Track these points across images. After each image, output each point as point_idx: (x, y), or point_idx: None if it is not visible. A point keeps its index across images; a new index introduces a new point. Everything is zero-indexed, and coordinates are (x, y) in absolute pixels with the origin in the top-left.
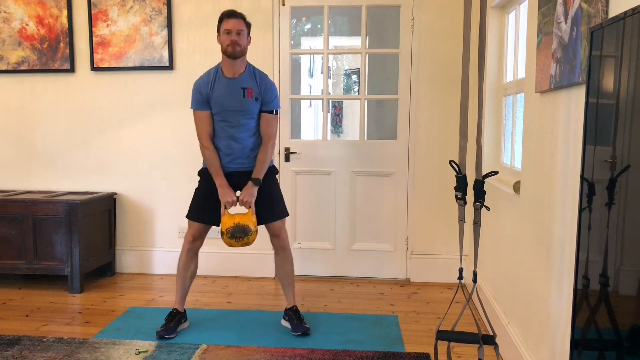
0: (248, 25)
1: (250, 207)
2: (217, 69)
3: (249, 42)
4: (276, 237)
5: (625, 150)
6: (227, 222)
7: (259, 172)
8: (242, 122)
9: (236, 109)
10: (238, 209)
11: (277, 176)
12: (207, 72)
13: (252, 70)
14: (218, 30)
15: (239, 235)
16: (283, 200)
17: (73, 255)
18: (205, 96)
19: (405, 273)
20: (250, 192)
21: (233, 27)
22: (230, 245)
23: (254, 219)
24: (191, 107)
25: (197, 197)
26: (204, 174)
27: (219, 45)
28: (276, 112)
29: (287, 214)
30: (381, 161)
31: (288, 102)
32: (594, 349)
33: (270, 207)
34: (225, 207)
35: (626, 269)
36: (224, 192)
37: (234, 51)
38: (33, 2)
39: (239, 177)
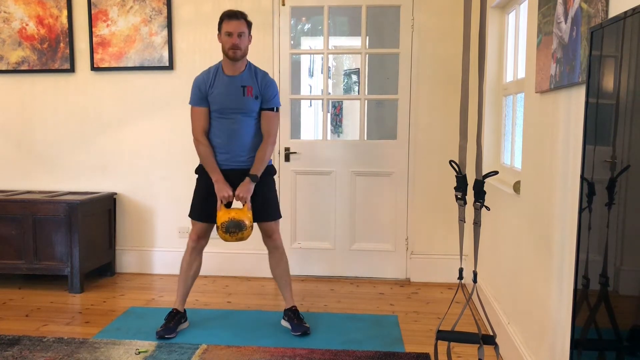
0: (249, 25)
1: (246, 202)
2: (218, 67)
3: (250, 41)
4: (269, 238)
5: (625, 150)
6: (222, 216)
7: (257, 169)
8: (242, 120)
9: (236, 107)
10: (234, 204)
11: (274, 177)
12: (208, 69)
13: (252, 69)
14: (219, 29)
15: (233, 230)
16: (278, 202)
17: (73, 255)
18: (204, 93)
19: (405, 273)
20: (247, 187)
21: (234, 30)
22: (225, 239)
23: (250, 215)
24: (189, 103)
25: (198, 196)
26: (201, 170)
27: (220, 44)
28: (277, 109)
29: (280, 216)
30: (381, 161)
31: (288, 102)
32: (594, 349)
33: (265, 208)
34: (222, 202)
35: (626, 269)
36: (220, 187)
37: (234, 55)
38: (33, 2)
39: (237, 175)
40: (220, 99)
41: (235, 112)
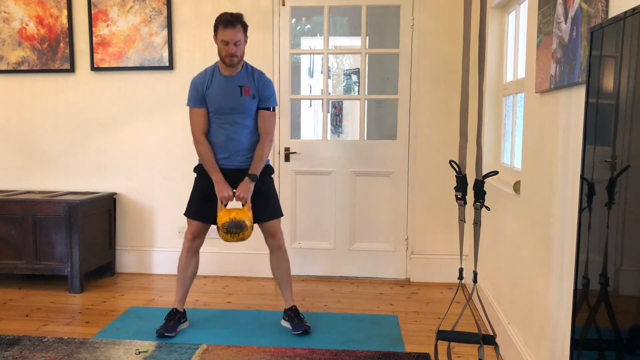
0: (245, 28)
1: (246, 202)
2: (214, 68)
3: (246, 42)
4: (271, 237)
5: (625, 150)
6: (223, 217)
7: (256, 168)
8: (240, 120)
9: (233, 107)
10: (234, 204)
11: (273, 176)
12: (204, 70)
13: (249, 69)
14: (215, 33)
15: (234, 231)
16: (278, 201)
17: (73, 255)
18: (202, 94)
19: (405, 273)
20: (247, 187)
21: (230, 39)
22: (226, 240)
23: (250, 215)
24: (187, 105)
25: (195, 195)
26: (200, 169)
27: (217, 46)
28: (273, 109)
29: (282, 214)
30: (381, 161)
31: (288, 102)
32: (594, 349)
33: (265, 207)
34: (222, 202)
35: (626, 269)
36: (221, 187)
37: (231, 62)
38: (33, 2)
39: (236, 175)
40: (217, 99)
41: (233, 112)
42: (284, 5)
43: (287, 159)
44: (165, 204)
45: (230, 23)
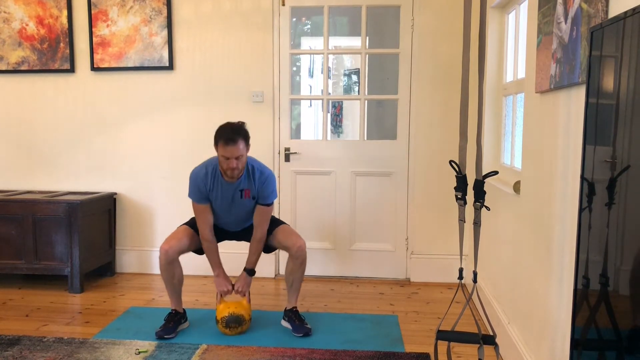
0: (247, 139)
1: (244, 295)
2: (215, 170)
3: (248, 150)
4: (287, 249)
5: (625, 150)
6: (222, 310)
7: (252, 262)
8: (240, 212)
9: (234, 206)
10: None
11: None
12: (205, 168)
13: (249, 169)
14: (215, 144)
15: (233, 325)
16: (271, 217)
17: (73, 255)
18: (205, 194)
19: (405, 273)
20: (245, 282)
21: (231, 155)
22: (224, 333)
23: (249, 308)
24: (189, 197)
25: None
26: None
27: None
28: (272, 203)
29: (282, 223)
30: (381, 161)
31: (288, 102)
32: (594, 349)
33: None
34: (221, 296)
35: (626, 269)
36: (220, 281)
37: (232, 176)
38: (33, 2)
39: (237, 233)
40: (219, 202)
41: (234, 209)
42: (284, 5)
43: (287, 159)
44: (165, 204)
45: (231, 140)
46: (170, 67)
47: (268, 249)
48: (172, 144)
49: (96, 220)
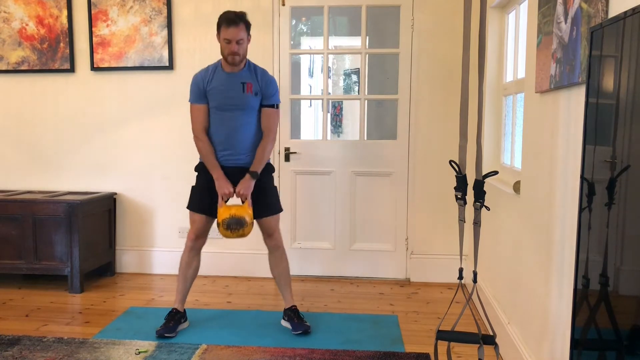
0: (248, 27)
1: (246, 199)
2: (217, 65)
3: (249, 41)
4: (270, 237)
5: (625, 150)
6: (223, 213)
7: (257, 166)
8: (242, 118)
9: (235, 104)
10: (234, 201)
11: (273, 175)
12: (207, 67)
13: (252, 67)
14: (218, 31)
15: (234, 227)
16: (278, 199)
17: (73, 255)
18: (203, 89)
19: (405, 273)
20: (247, 184)
21: (233, 37)
22: (226, 236)
23: (250, 211)
24: (189, 101)
25: (196, 191)
26: (201, 168)
27: (219, 46)
28: (277, 106)
29: (281, 209)
30: (381, 161)
31: (288, 102)
32: (594, 349)
33: (263, 204)
34: (222, 199)
35: (626, 269)
36: (221, 184)
37: (233, 60)
38: (33, 2)
39: (237, 173)
40: (219, 95)
41: (235, 108)
42: (284, 5)
43: (287, 159)
44: (165, 204)
45: (232, 22)
46: (170, 67)
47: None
48: (172, 144)
49: (96, 220)
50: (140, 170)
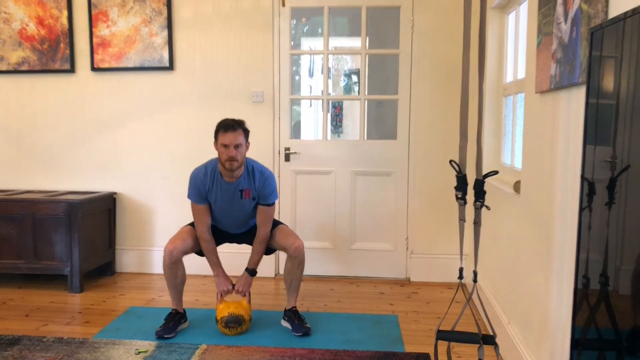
0: (246, 133)
1: (245, 295)
2: (215, 170)
3: (248, 148)
4: (285, 250)
5: (625, 150)
6: (222, 310)
7: (255, 263)
8: (240, 213)
9: (234, 209)
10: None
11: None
12: (205, 168)
13: (249, 169)
14: (215, 138)
15: (232, 325)
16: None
17: (73, 255)
18: (204, 194)
19: (405, 273)
20: (246, 282)
21: (230, 142)
22: (224, 333)
23: (249, 308)
24: (189, 198)
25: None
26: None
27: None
28: (273, 203)
29: (279, 223)
30: (381, 161)
31: (288, 102)
32: (594, 349)
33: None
34: (222, 295)
35: (626, 269)
36: (220, 280)
37: (231, 166)
38: (33, 2)
39: (237, 236)
40: (219, 202)
41: (234, 210)
42: (284, 5)
43: (287, 159)
44: (165, 204)
45: (230, 127)
46: (171, 67)
47: (267, 250)
48: (172, 144)
49: (96, 220)
50: (140, 170)
